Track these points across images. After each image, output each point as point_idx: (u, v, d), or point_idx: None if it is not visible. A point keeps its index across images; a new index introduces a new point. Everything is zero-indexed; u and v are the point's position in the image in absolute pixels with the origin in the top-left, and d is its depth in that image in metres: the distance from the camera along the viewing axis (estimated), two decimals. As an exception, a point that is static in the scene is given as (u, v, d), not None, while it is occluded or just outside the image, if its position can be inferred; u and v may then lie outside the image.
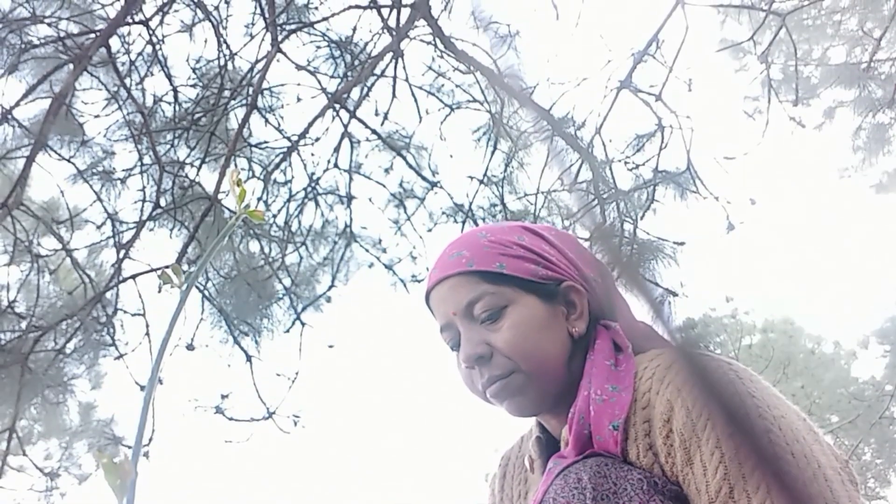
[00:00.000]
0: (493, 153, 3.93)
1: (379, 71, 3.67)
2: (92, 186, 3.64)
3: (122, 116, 3.64)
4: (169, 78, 3.69)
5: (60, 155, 3.57)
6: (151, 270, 3.09)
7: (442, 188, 4.12)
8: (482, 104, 3.98)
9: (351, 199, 4.08)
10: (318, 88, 3.71)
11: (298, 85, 3.78)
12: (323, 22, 3.71)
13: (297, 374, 3.52)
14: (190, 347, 3.51)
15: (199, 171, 3.71)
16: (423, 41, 3.73)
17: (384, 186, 4.18)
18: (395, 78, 3.66)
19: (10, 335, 3.22)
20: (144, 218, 3.48)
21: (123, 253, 3.35)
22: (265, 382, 3.49)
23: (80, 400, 4.07)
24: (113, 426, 4.47)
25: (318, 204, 4.07)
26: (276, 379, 3.53)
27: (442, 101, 4.04)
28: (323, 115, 3.44)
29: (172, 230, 3.74)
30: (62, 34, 3.20)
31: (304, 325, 3.78)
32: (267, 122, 3.85)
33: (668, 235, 3.45)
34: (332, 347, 3.85)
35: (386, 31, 3.50)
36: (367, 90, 3.76)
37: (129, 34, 3.55)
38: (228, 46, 3.67)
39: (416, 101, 3.86)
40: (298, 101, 3.85)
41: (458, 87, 4.07)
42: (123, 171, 3.77)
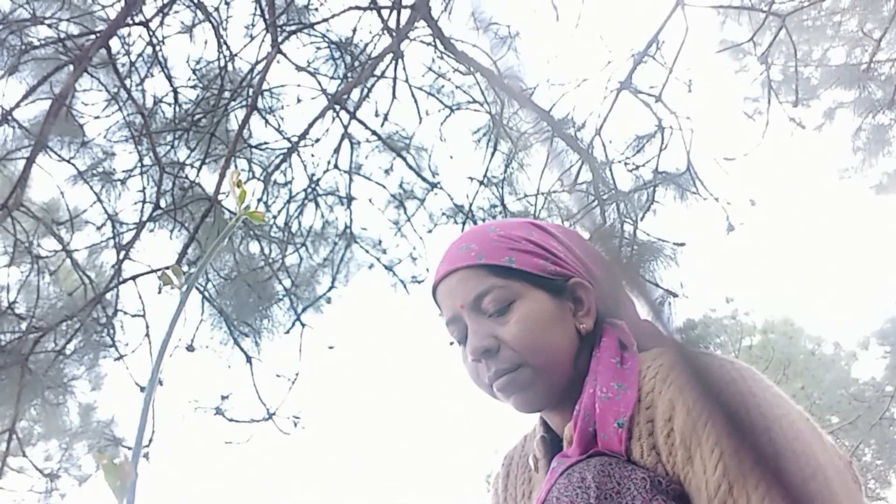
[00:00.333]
0: (493, 154, 3.93)
1: (379, 72, 3.68)
2: (92, 187, 3.65)
3: (122, 117, 3.64)
4: (169, 79, 3.69)
5: (60, 156, 3.57)
6: (151, 271, 3.09)
7: (442, 189, 4.13)
8: (482, 105, 3.98)
9: (351, 200, 4.08)
10: (318, 89, 3.71)
11: (298, 86, 3.78)
12: (323, 23, 3.71)
13: (297, 375, 3.52)
14: (190, 348, 3.51)
15: (199, 172, 3.72)
16: (423, 42, 3.73)
17: (384, 187, 4.19)
18: (395, 79, 3.66)
19: (10, 336, 3.22)
20: (144, 219, 3.48)
21: (123, 254, 3.35)
22: (265, 383, 3.49)
23: (80, 401, 4.07)
24: (113, 427, 4.47)
25: (318, 205, 4.07)
26: (276, 380, 3.53)
27: (442, 102, 4.05)
28: (323, 116, 3.44)
29: (172, 231, 3.74)
30: (62, 35, 3.20)
31: (304, 326, 3.79)
32: (267, 123, 3.86)
33: (668, 236, 3.46)
34: (332, 348, 3.85)
35: (386, 32, 3.50)
36: (367, 91, 3.76)
37: (129, 35, 3.55)
38: (228, 47, 3.68)
39: (416, 102, 3.86)
40: (298, 102, 3.85)
41: (458, 88, 4.07)
42: (123, 172, 3.77)
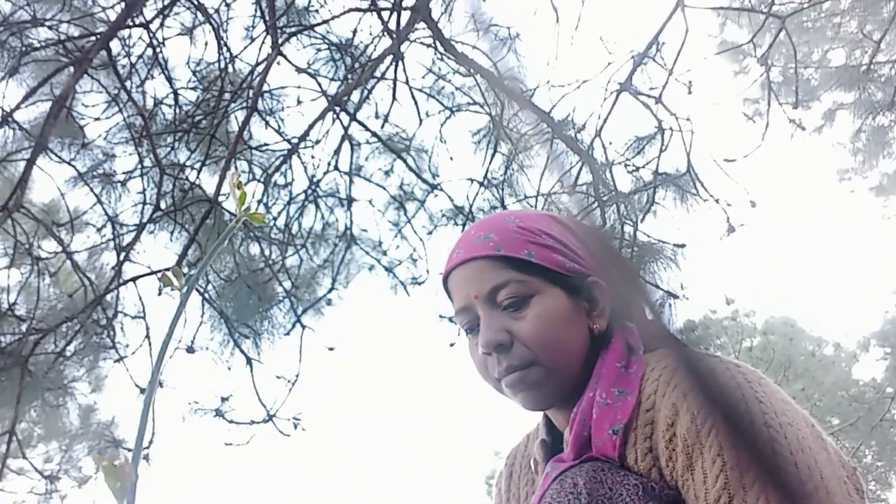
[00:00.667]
0: (493, 156, 3.93)
1: (379, 73, 3.68)
2: (92, 189, 3.65)
3: (122, 119, 3.64)
4: (169, 81, 3.69)
5: (61, 157, 3.58)
6: (152, 273, 3.09)
7: (442, 191, 4.12)
8: (482, 107, 3.98)
9: (351, 201, 4.08)
10: (318, 91, 3.71)
11: (299, 87, 3.78)
12: (323, 25, 3.71)
13: (297, 376, 3.51)
14: (190, 350, 3.50)
15: (199, 173, 3.72)
16: (423, 44, 3.73)
17: (384, 189, 4.18)
18: (395, 80, 3.66)
19: (10, 338, 3.22)
20: (145, 220, 3.49)
21: (124, 255, 3.35)
22: (265, 385, 3.49)
23: (80, 402, 4.06)
24: (113, 429, 4.47)
25: (318, 206, 4.07)
26: (276, 382, 3.52)
27: (442, 103, 4.05)
28: (323, 117, 3.45)
29: (173, 233, 3.74)
30: (63, 37, 3.20)
31: (304, 327, 3.78)
32: (267, 124, 3.86)
33: (668, 238, 3.46)
34: (332, 350, 3.85)
35: (386, 33, 3.51)
36: (367, 93, 3.76)
37: (129, 37, 3.56)
38: (229, 49, 3.68)
39: (416, 103, 3.86)
40: (299, 103, 3.85)
41: (458, 89, 4.07)
42: (124, 173, 3.77)
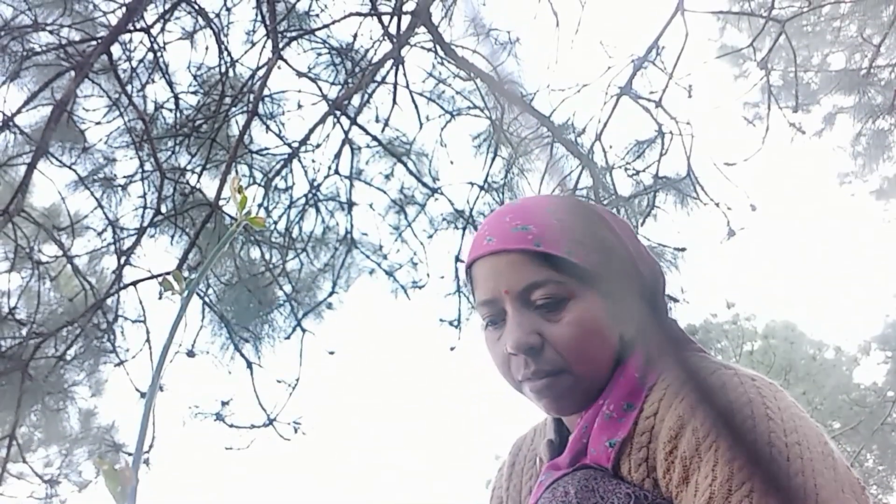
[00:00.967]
0: (493, 159, 3.93)
1: (379, 78, 3.68)
2: (93, 193, 3.65)
3: (123, 123, 3.65)
4: (170, 85, 3.70)
5: (62, 162, 3.58)
6: (152, 277, 3.10)
7: (442, 194, 4.13)
8: (482, 111, 3.98)
9: (351, 205, 4.09)
10: (318, 95, 3.72)
11: (299, 92, 3.79)
12: (324, 29, 3.72)
13: (297, 380, 3.51)
14: (191, 354, 3.50)
15: (199, 177, 3.72)
16: (423, 48, 3.74)
17: (385, 193, 4.19)
18: (395, 85, 3.67)
19: (10, 342, 3.23)
20: (145, 224, 3.49)
21: (124, 259, 3.36)
22: (266, 389, 3.49)
23: (80, 407, 4.06)
24: (113, 433, 4.47)
25: (318, 210, 4.07)
26: (276, 386, 3.52)
27: (442, 107, 4.05)
28: (324, 121, 3.45)
29: (173, 237, 3.74)
30: (64, 42, 3.21)
31: (304, 331, 3.78)
32: (268, 128, 3.86)
33: (668, 241, 3.47)
34: (332, 354, 3.85)
35: (386, 38, 3.51)
36: (367, 97, 3.77)
37: (130, 41, 3.56)
38: (229, 53, 3.69)
39: (416, 107, 3.87)
40: (299, 107, 3.86)
41: (458, 93, 4.07)
42: (124, 177, 3.78)
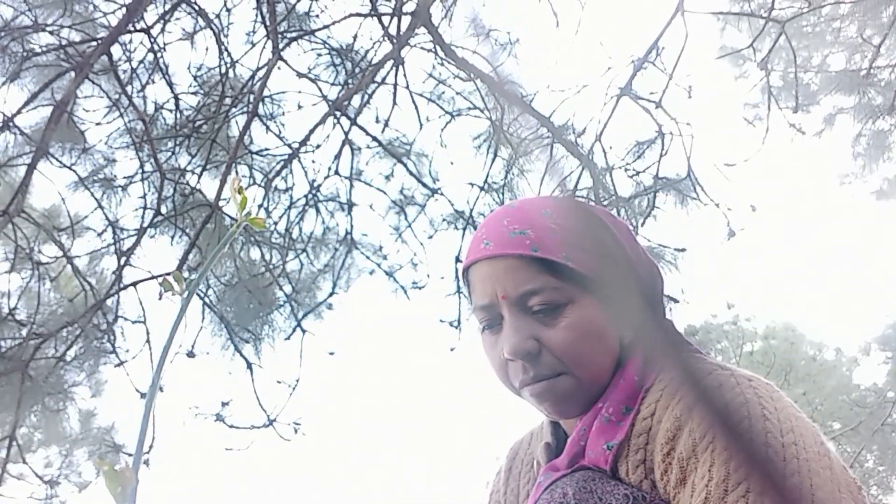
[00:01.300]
0: (493, 160, 3.93)
1: (380, 78, 3.68)
2: (93, 194, 3.65)
3: (123, 124, 3.65)
4: (170, 85, 3.70)
5: (62, 162, 3.58)
6: (152, 278, 3.10)
7: (442, 195, 4.13)
8: (482, 111, 3.99)
9: (352, 205, 4.09)
10: (318, 96, 3.72)
11: (299, 92, 3.80)
12: (324, 30, 3.72)
13: (297, 381, 3.52)
14: (191, 355, 3.50)
15: (200, 178, 3.72)
16: (423, 49, 3.74)
17: (385, 193, 4.19)
18: (395, 85, 3.67)
19: (10, 342, 3.22)
20: (145, 225, 3.49)
21: (124, 260, 3.36)
22: (266, 390, 3.49)
23: (80, 407, 4.06)
24: (113, 434, 4.47)
25: (318, 211, 4.07)
26: (276, 386, 3.53)
27: (442, 108, 4.05)
28: (324, 122, 3.45)
29: (173, 237, 3.74)
30: (64, 42, 3.21)
31: (304, 332, 3.78)
32: (268, 129, 3.86)
33: (668, 242, 3.47)
34: (332, 355, 3.85)
35: (386, 38, 3.51)
36: (367, 97, 3.77)
37: (130, 42, 3.57)
38: (230, 54, 3.69)
39: (416, 108, 3.87)
40: (299, 108, 3.86)
41: (458, 94, 4.08)
42: (124, 178, 3.78)
